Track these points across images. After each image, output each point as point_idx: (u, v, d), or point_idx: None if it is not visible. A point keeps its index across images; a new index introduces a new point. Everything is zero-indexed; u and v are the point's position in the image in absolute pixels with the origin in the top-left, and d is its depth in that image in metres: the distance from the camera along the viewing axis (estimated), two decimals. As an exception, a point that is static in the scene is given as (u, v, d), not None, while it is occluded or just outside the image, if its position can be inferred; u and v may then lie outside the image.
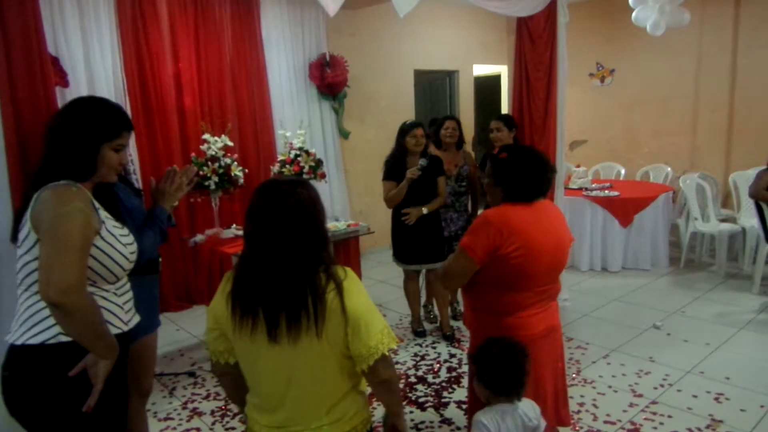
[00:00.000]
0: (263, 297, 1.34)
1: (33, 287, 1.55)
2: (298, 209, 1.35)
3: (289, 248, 1.34)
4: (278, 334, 1.34)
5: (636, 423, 2.84)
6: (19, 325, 1.56)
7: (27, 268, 1.56)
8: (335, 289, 1.34)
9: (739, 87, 5.99)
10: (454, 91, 7.24)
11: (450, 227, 4.05)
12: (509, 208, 2.01)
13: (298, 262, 1.34)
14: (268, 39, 5.05)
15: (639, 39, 6.02)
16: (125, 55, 4.14)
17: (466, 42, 7.09)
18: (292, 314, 1.32)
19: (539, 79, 4.24)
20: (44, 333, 1.52)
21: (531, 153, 2.11)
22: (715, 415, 2.88)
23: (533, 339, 2.02)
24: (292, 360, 1.36)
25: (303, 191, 1.39)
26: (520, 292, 2.01)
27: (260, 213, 1.36)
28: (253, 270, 1.36)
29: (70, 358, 1.53)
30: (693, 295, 4.62)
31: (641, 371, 3.38)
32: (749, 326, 4.00)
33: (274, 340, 1.34)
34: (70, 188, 1.53)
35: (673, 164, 6.42)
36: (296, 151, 3.90)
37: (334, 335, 1.36)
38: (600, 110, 7.12)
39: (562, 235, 2.09)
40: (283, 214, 1.34)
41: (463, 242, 1.99)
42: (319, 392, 1.41)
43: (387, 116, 6.01)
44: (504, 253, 1.92)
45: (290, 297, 1.33)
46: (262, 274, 1.35)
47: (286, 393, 1.39)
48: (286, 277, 1.33)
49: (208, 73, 4.61)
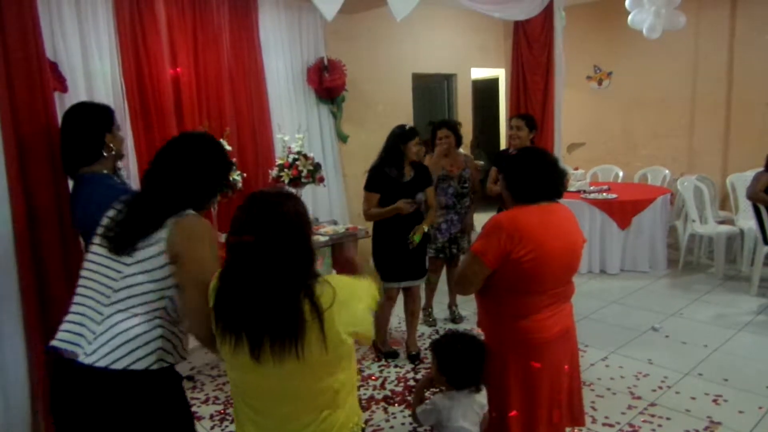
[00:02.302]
0: (246, 318, 1.30)
1: (137, 309, 1.50)
2: (286, 224, 1.32)
3: (276, 265, 1.29)
4: (261, 354, 1.29)
5: (635, 425, 2.84)
6: (112, 349, 1.48)
7: (137, 289, 1.50)
8: (317, 317, 1.29)
9: (736, 89, 6.01)
10: (452, 95, 7.24)
11: (451, 229, 4.06)
12: (520, 211, 2.01)
13: (284, 280, 1.29)
14: (266, 43, 5.06)
15: (636, 42, 6.04)
16: (123, 60, 4.14)
17: (464, 45, 7.11)
18: (276, 338, 1.28)
19: (536, 82, 4.28)
20: (148, 358, 1.51)
21: (539, 154, 2.11)
22: (713, 417, 2.88)
23: (548, 341, 2.03)
24: (278, 378, 1.33)
25: (291, 205, 1.36)
26: (534, 295, 2.01)
27: (247, 226, 1.33)
28: (236, 287, 1.32)
29: (172, 381, 1.61)
30: (691, 297, 4.63)
31: (640, 373, 3.39)
32: (747, 328, 4.01)
33: (257, 360, 1.30)
34: (206, 224, 1.60)
35: (671, 166, 6.43)
36: (294, 155, 3.90)
37: (318, 354, 1.31)
38: (598, 113, 7.13)
39: (574, 236, 2.09)
40: (272, 229, 1.30)
41: (474, 247, 1.99)
42: (308, 404, 1.38)
43: (385, 120, 5.99)
44: (516, 257, 1.92)
45: (274, 321, 1.28)
46: (245, 292, 1.30)
47: (277, 408, 1.39)
48: (271, 297, 1.28)
49: (207, 78, 4.61)
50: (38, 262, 2.18)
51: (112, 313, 1.51)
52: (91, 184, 2.09)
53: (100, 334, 1.50)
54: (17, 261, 2.13)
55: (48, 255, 2.20)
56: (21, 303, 2.16)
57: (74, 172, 2.14)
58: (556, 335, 2.06)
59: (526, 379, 2.04)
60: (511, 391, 2.05)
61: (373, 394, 3.28)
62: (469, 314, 4.31)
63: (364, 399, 3.22)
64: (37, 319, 2.19)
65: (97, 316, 1.52)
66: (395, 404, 3.16)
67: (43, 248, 2.19)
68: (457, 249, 4.14)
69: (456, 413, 2.06)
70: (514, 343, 2.04)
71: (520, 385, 2.04)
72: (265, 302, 1.28)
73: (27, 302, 2.16)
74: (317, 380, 1.36)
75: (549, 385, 2.06)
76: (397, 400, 3.19)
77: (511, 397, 2.05)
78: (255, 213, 1.33)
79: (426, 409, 2.14)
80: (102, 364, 1.47)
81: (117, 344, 1.49)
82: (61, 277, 2.23)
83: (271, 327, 1.28)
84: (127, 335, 1.49)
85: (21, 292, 2.15)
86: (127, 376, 1.48)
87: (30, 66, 2.15)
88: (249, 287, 1.30)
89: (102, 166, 2.13)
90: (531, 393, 2.05)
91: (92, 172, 2.12)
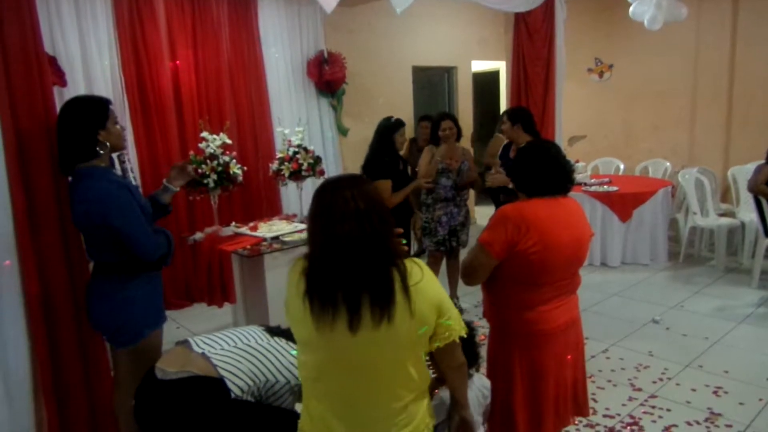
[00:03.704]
0: (346, 290, 1.34)
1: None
2: (372, 205, 1.37)
3: (375, 245, 1.35)
4: (360, 323, 1.33)
5: (635, 417, 2.85)
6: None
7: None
8: (404, 290, 1.36)
9: (737, 81, 5.99)
10: (452, 88, 7.22)
11: (451, 222, 4.06)
12: (526, 203, 2.02)
13: (380, 256, 1.36)
14: (266, 36, 5.04)
15: (637, 34, 6.01)
16: (123, 54, 4.13)
17: (464, 38, 7.07)
18: (375, 302, 1.33)
19: (537, 75, 4.26)
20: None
21: (543, 148, 2.12)
22: (713, 409, 2.89)
23: (554, 332, 2.04)
24: (367, 347, 1.37)
25: (367, 187, 1.41)
26: (540, 287, 2.01)
27: (348, 215, 1.35)
28: (329, 266, 1.36)
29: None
30: (692, 290, 4.63)
31: (640, 365, 3.39)
32: (748, 320, 4.01)
33: (355, 329, 1.34)
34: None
35: (672, 159, 6.42)
36: (295, 149, 3.89)
37: (414, 322, 1.37)
38: (598, 105, 7.11)
39: (581, 229, 2.10)
40: (372, 214, 1.35)
41: (481, 238, 2.00)
42: (395, 387, 1.42)
43: (385, 113, 5.98)
44: (522, 248, 1.92)
45: (372, 288, 1.34)
46: (345, 270, 1.34)
47: (364, 388, 1.41)
48: (369, 270, 1.34)
49: (206, 71, 4.60)
50: (39, 255, 2.18)
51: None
52: (91, 179, 2.08)
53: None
54: (18, 257, 2.12)
55: (49, 252, 2.19)
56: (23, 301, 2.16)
57: (71, 170, 2.13)
58: (562, 326, 2.07)
59: (532, 370, 2.05)
60: (517, 383, 2.05)
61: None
62: (469, 306, 4.32)
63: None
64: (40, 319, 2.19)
65: None
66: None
67: (43, 243, 2.18)
68: (457, 242, 4.14)
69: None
70: (519, 335, 2.05)
71: (526, 376, 2.05)
72: (364, 275, 1.34)
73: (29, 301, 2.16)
74: (400, 356, 1.40)
75: (555, 376, 2.07)
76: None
77: (517, 388, 2.05)
78: (350, 200, 1.35)
79: (435, 405, 2.13)
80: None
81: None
82: (62, 274, 2.23)
83: (370, 292, 1.34)
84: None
85: (23, 293, 2.15)
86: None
87: (28, 60, 2.13)
88: (344, 263, 1.34)
89: (99, 161, 2.13)
90: (537, 384, 2.05)
91: (92, 167, 2.11)
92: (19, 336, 2.16)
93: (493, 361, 2.14)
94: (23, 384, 2.18)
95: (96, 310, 2.18)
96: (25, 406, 2.20)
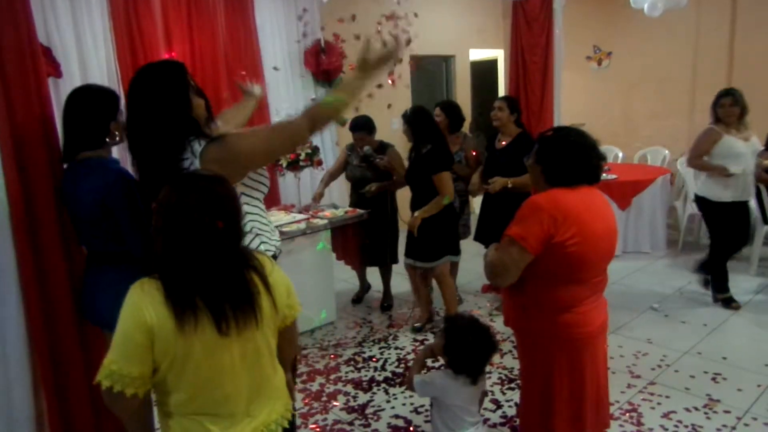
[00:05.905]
0: (208, 295, 1.32)
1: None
2: (222, 206, 1.34)
3: (234, 245, 1.38)
4: (228, 326, 1.33)
5: (634, 404, 2.87)
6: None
7: None
8: (262, 282, 1.41)
9: (737, 68, 5.96)
10: (450, 77, 7.19)
11: None
12: (558, 192, 1.84)
13: (235, 256, 1.39)
14: (262, 26, 5.01)
15: (636, 21, 5.98)
16: (118, 44, 4.09)
17: (462, 27, 7.03)
18: (237, 305, 1.35)
19: (535, 63, 4.24)
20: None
21: (577, 134, 1.95)
22: (712, 395, 2.91)
23: (592, 335, 1.89)
24: (241, 344, 1.38)
25: (222, 188, 1.38)
26: (576, 285, 1.85)
27: (214, 210, 1.32)
28: (181, 268, 1.32)
29: None
30: (691, 277, 4.64)
31: (639, 352, 3.41)
32: (746, 307, 4.02)
33: (226, 334, 1.33)
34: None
35: (671, 147, 6.40)
36: (292, 139, 3.88)
37: (269, 316, 1.43)
38: (597, 93, 7.08)
39: (611, 220, 1.95)
40: (209, 213, 1.31)
41: (512, 232, 1.80)
42: (269, 376, 1.48)
43: (383, 102, 5.98)
44: (560, 240, 1.75)
45: (233, 292, 1.35)
46: (203, 270, 1.32)
47: (247, 385, 1.41)
48: (227, 271, 1.35)
49: (203, 62, 4.57)
50: (37, 246, 2.17)
51: None
52: (104, 169, 2.07)
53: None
54: (16, 249, 2.11)
55: (47, 243, 2.18)
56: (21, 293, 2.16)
57: (73, 156, 2.12)
58: (599, 329, 1.93)
59: (572, 377, 1.89)
60: (557, 392, 1.90)
61: (374, 375, 3.30)
62: (468, 297, 4.32)
63: (365, 380, 3.24)
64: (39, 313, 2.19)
65: None
66: (396, 385, 3.18)
67: (41, 235, 2.17)
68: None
69: (452, 393, 2.07)
70: (557, 340, 1.88)
71: (566, 385, 1.90)
72: (222, 277, 1.35)
73: (28, 291, 2.16)
74: (271, 338, 1.47)
75: (594, 382, 1.93)
76: (397, 382, 3.21)
77: (557, 399, 1.90)
78: (217, 197, 1.35)
79: (424, 381, 2.14)
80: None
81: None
82: (61, 265, 2.22)
83: (231, 297, 1.35)
84: None
85: (21, 283, 2.15)
86: None
87: (22, 51, 2.11)
88: (207, 265, 1.33)
89: (104, 151, 2.13)
90: (578, 393, 1.91)
91: (98, 157, 2.10)
92: (18, 328, 2.15)
93: (529, 370, 1.99)
94: (23, 376, 2.18)
95: (99, 302, 2.14)
96: (26, 398, 2.20)
